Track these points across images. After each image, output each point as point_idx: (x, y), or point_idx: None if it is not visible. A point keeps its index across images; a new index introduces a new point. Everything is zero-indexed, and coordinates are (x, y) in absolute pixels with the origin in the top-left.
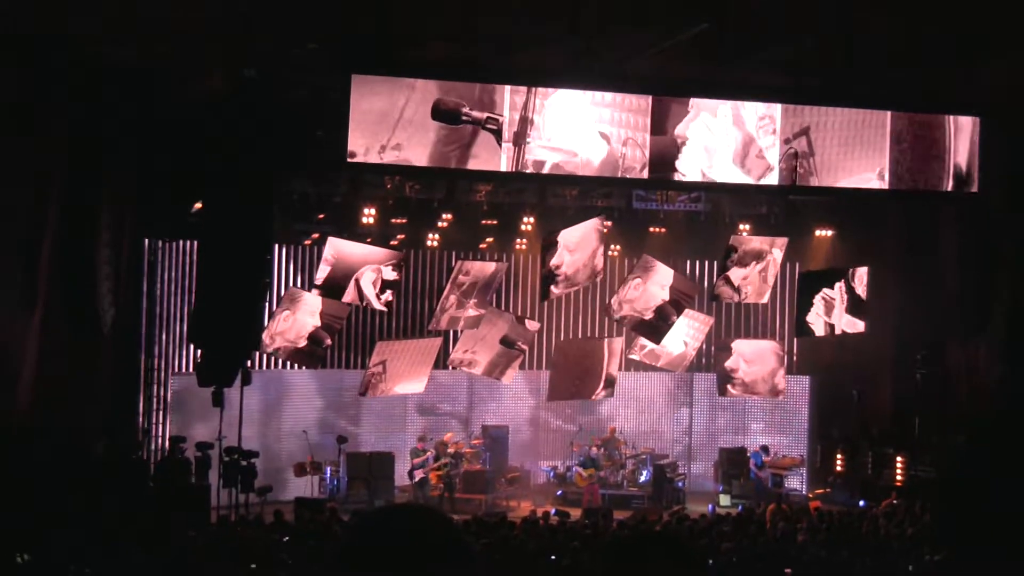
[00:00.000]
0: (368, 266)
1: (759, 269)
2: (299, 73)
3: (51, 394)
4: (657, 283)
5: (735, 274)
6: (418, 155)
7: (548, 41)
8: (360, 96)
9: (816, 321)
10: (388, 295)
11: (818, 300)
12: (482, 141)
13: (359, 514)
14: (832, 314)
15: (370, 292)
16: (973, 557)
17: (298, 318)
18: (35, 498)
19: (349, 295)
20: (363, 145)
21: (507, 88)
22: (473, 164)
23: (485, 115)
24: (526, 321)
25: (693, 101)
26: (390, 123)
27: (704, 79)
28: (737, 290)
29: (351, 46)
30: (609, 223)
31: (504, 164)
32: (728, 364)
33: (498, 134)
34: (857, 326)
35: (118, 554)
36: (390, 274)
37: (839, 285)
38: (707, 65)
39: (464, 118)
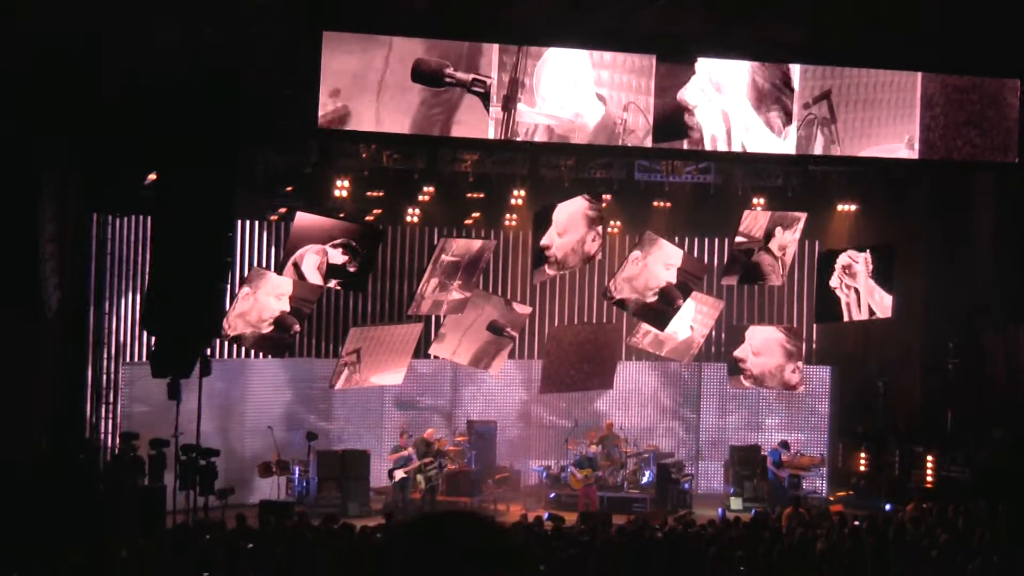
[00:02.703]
0: (310, 247)
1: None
2: (264, 31)
3: None
4: (660, 261)
5: (777, 241)
6: (397, 121)
7: None
8: (331, 56)
9: (838, 302)
10: (334, 284)
11: (839, 280)
12: (467, 105)
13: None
14: (856, 296)
15: (314, 278)
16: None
17: (260, 299)
18: None
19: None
20: (334, 110)
21: (495, 47)
22: (457, 131)
23: (471, 76)
24: (515, 305)
25: (701, 61)
26: (365, 86)
27: (713, 36)
28: (777, 260)
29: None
30: (608, 197)
31: (492, 131)
32: (737, 353)
33: (485, 98)
34: (884, 310)
35: (61, 563)
36: (337, 257)
37: (863, 263)
38: (716, 21)
39: (448, 80)
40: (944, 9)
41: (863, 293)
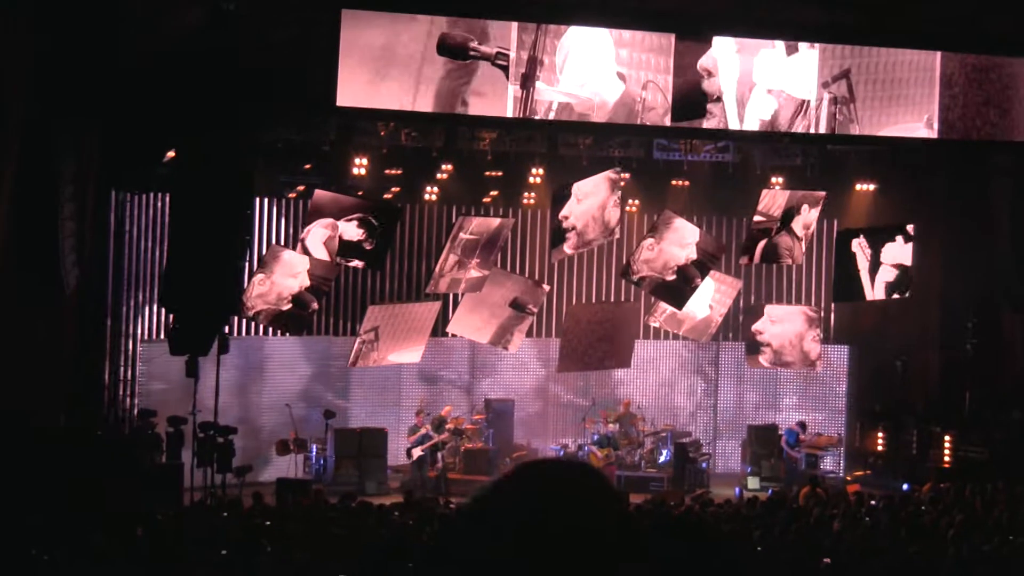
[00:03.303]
0: (318, 222)
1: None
2: (284, 6)
3: (7, 363)
4: (676, 243)
5: (801, 221)
6: (423, 93)
7: None
8: (356, 31)
9: (862, 281)
10: (358, 263)
11: (859, 257)
12: (488, 77)
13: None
14: (873, 275)
15: (319, 253)
16: None
17: (276, 280)
18: None
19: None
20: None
21: (514, 25)
22: (477, 104)
23: (495, 50)
24: (536, 283)
25: (721, 40)
26: (388, 60)
27: (733, 15)
28: (798, 240)
29: None
30: (627, 175)
31: (511, 108)
32: (756, 326)
33: (507, 71)
34: (901, 289)
35: (82, 538)
36: (353, 232)
37: (883, 244)
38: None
39: (472, 53)
40: None
41: (879, 272)
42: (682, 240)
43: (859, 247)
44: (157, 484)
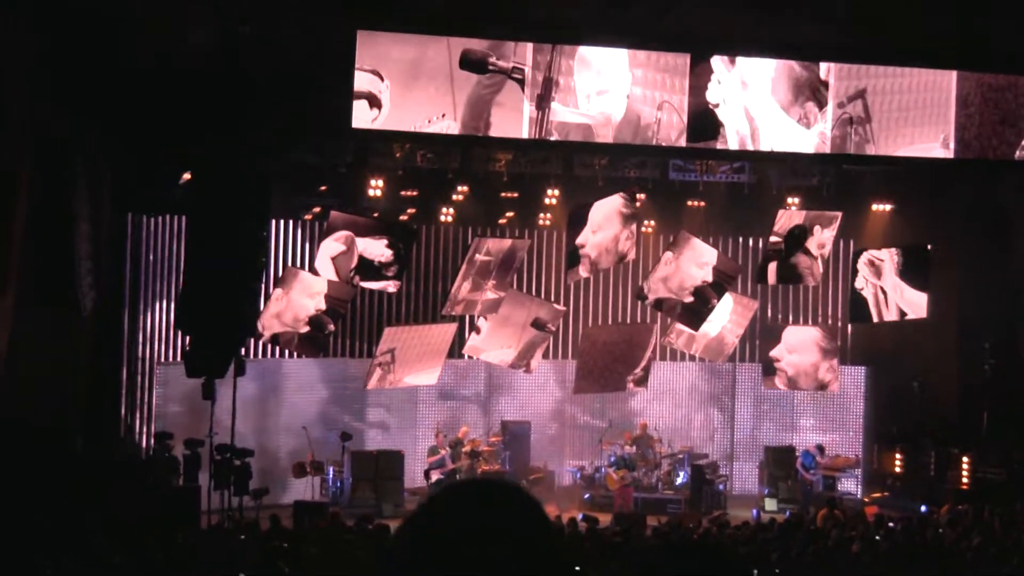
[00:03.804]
0: (332, 236)
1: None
2: (300, 27)
3: (24, 386)
4: (693, 261)
5: (815, 241)
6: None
7: None
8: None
9: (866, 302)
10: (390, 285)
11: (864, 280)
12: (508, 90)
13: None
14: (883, 296)
15: (326, 268)
16: None
17: (293, 299)
18: (5, 498)
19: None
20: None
21: (529, 46)
22: (498, 115)
23: (512, 64)
24: (553, 304)
25: (736, 60)
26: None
27: (748, 35)
28: (815, 259)
29: None
30: (642, 196)
31: (526, 129)
32: (773, 353)
33: (523, 84)
34: (917, 310)
35: (99, 561)
36: (378, 251)
37: (889, 261)
38: (751, 19)
39: (491, 67)
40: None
41: (891, 292)
42: (699, 259)
43: (870, 265)
44: (175, 507)
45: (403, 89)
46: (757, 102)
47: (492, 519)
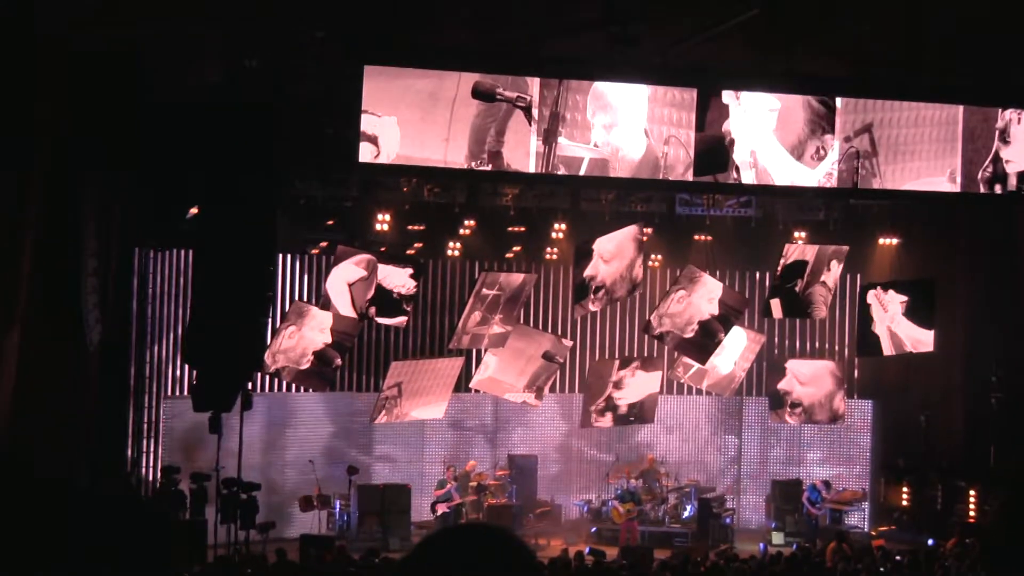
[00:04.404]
0: (352, 259)
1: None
2: (307, 63)
3: (31, 419)
4: (704, 296)
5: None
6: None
7: (581, 27)
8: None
9: (879, 335)
10: (400, 320)
11: (877, 311)
12: (514, 121)
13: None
14: (894, 329)
15: (340, 291)
16: None
17: (305, 334)
18: (10, 534)
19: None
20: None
21: (536, 81)
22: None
23: (516, 94)
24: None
25: (743, 95)
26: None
27: (755, 70)
28: (829, 292)
29: (363, 33)
30: (649, 230)
31: (533, 164)
32: (781, 386)
33: (528, 112)
34: (924, 345)
35: None
36: (401, 280)
37: (895, 301)
38: (758, 55)
39: (499, 97)
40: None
41: (897, 328)
42: (709, 294)
43: (875, 299)
44: (182, 541)
45: (415, 123)
46: (763, 136)
47: (485, 568)
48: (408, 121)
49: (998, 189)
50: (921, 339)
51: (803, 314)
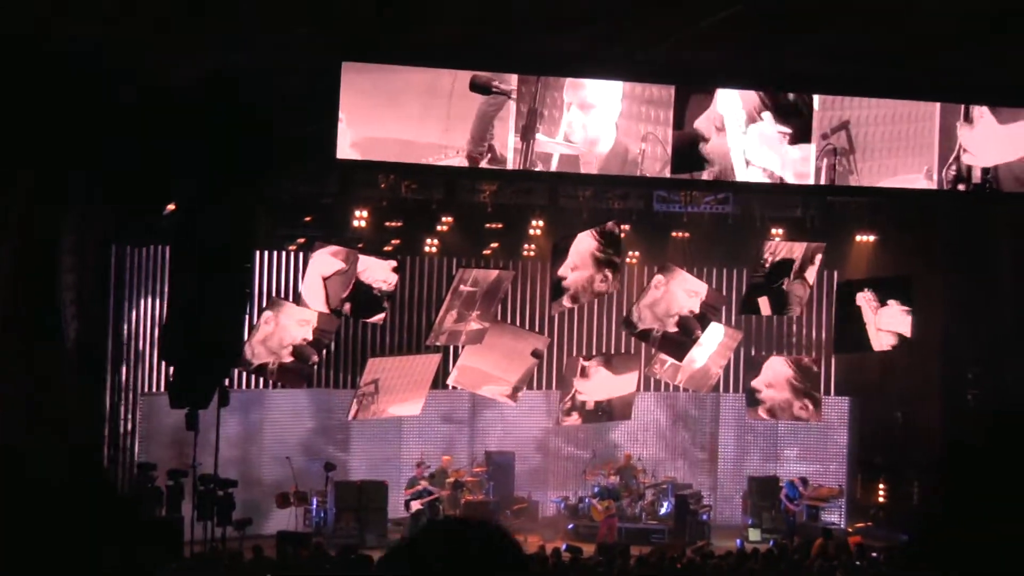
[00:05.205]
0: (327, 249)
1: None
2: (287, 59)
3: (6, 416)
4: (682, 287)
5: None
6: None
7: (559, 25)
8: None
9: (868, 334)
10: (379, 317)
11: (865, 309)
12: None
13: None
14: (880, 326)
15: (314, 293)
16: None
17: (282, 323)
18: None
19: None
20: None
21: (514, 77)
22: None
23: (511, 88)
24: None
25: (720, 92)
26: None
27: (733, 67)
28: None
29: (344, 30)
30: (626, 227)
31: (511, 160)
32: (754, 384)
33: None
34: (904, 333)
35: None
36: (380, 274)
37: (879, 295)
38: (736, 52)
39: (494, 89)
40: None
41: (883, 325)
42: (686, 285)
43: (864, 300)
44: (158, 538)
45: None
46: (741, 133)
47: (473, 562)
48: (408, 116)
49: (961, 188)
50: (902, 330)
51: (785, 311)
